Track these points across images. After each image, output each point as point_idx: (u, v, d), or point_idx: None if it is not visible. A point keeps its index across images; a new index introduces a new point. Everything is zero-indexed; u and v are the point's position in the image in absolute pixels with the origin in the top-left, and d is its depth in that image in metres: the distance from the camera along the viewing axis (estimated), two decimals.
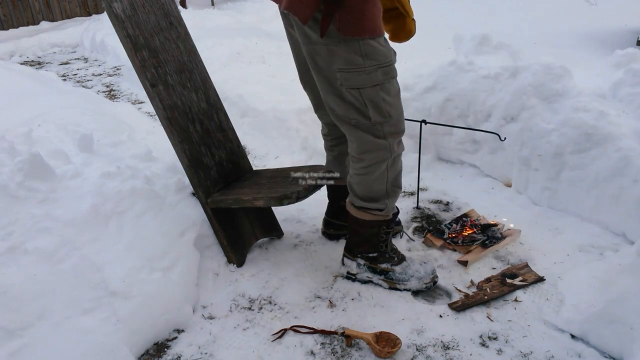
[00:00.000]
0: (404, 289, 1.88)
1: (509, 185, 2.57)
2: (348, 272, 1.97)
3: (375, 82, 1.64)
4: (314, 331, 1.73)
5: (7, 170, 1.74)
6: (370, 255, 1.91)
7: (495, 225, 2.20)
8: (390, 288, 1.90)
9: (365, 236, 1.90)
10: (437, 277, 1.90)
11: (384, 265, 1.90)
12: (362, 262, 1.93)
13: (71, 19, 7.93)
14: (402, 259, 1.93)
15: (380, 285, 1.92)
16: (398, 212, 1.97)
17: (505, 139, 2.40)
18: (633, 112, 2.31)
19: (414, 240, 2.20)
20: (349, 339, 1.66)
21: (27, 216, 1.66)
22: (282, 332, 1.73)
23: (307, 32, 1.63)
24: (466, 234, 2.16)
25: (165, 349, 1.70)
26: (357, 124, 1.72)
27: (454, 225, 2.22)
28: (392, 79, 1.68)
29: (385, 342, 1.63)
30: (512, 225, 2.22)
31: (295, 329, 1.74)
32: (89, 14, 8.10)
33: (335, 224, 2.20)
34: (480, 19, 5.38)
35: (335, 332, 1.70)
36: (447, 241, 2.12)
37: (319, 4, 1.54)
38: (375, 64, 1.62)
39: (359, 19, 1.56)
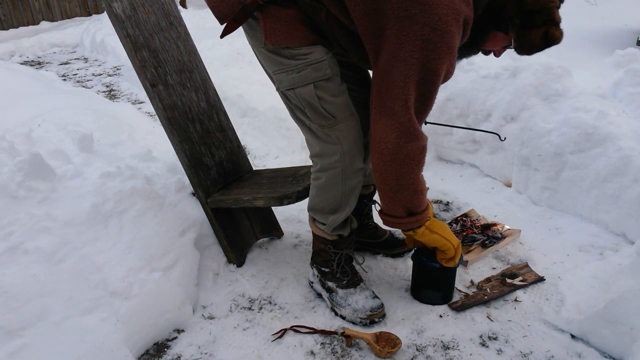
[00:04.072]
0: (340, 315, 1.79)
1: (509, 185, 2.57)
2: (309, 279, 1.94)
3: (306, 81, 1.55)
4: (314, 331, 1.73)
5: (7, 170, 1.74)
6: (322, 269, 1.85)
7: (495, 225, 2.20)
8: (331, 309, 1.83)
9: (316, 248, 1.86)
10: (378, 316, 1.74)
11: (330, 284, 1.82)
12: (316, 272, 1.88)
13: (71, 19, 7.94)
14: (350, 284, 1.80)
15: (325, 303, 1.86)
16: (351, 237, 1.82)
17: (505, 138, 2.40)
18: (633, 112, 2.32)
19: None
20: (349, 338, 1.66)
21: (27, 216, 1.67)
22: (282, 332, 1.73)
23: (248, 36, 1.63)
24: (466, 234, 2.16)
25: (165, 349, 1.70)
26: (310, 127, 1.64)
27: (454, 225, 2.23)
28: (328, 78, 1.56)
29: (385, 342, 1.62)
30: (509, 227, 2.22)
31: (295, 329, 1.74)
32: (89, 14, 8.11)
33: None
34: None
35: (335, 332, 1.70)
36: None
37: (237, 7, 1.51)
38: (303, 62, 1.54)
39: (285, 27, 1.51)
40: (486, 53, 1.62)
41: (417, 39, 1.37)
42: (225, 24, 1.55)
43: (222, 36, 1.58)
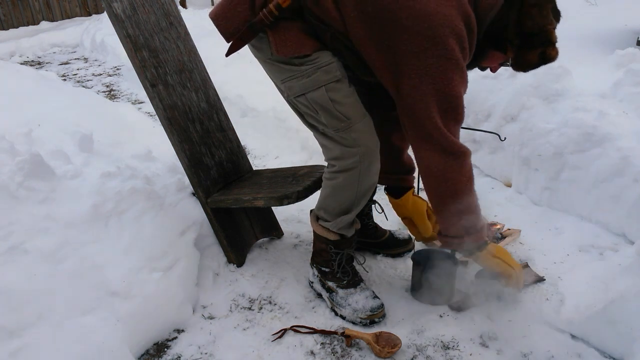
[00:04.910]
0: (340, 315, 1.79)
1: (509, 185, 2.57)
2: (309, 279, 1.94)
3: (318, 84, 1.56)
4: (314, 331, 1.73)
5: (7, 170, 1.74)
6: (323, 269, 1.85)
7: (495, 225, 2.20)
8: (331, 309, 1.83)
9: (317, 248, 1.86)
10: (378, 316, 1.75)
11: (330, 284, 1.82)
12: (316, 272, 1.88)
13: (71, 19, 7.94)
14: (351, 284, 1.81)
15: (325, 303, 1.86)
16: (353, 237, 1.82)
17: (505, 139, 2.40)
18: (633, 112, 2.31)
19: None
20: (349, 339, 1.66)
21: (27, 216, 1.66)
22: (282, 332, 1.73)
23: (254, 48, 1.66)
24: None
25: (165, 349, 1.70)
26: (324, 132, 1.64)
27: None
28: (338, 79, 1.58)
29: (385, 342, 1.62)
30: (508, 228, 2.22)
31: (295, 329, 1.74)
32: (89, 14, 8.11)
33: None
34: None
35: (335, 332, 1.70)
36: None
37: (242, 25, 1.54)
38: (312, 66, 1.56)
39: (294, 38, 1.54)
40: (482, 69, 1.72)
41: (434, 71, 1.45)
42: (231, 42, 1.57)
43: (227, 54, 1.60)
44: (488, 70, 1.74)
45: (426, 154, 1.56)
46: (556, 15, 1.50)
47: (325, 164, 1.74)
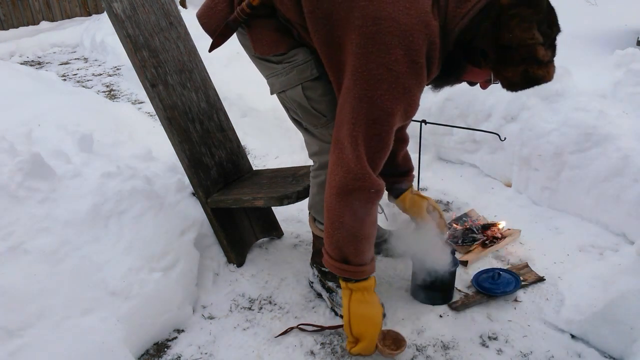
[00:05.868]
0: (340, 315, 1.77)
1: (509, 185, 2.57)
2: (309, 279, 1.94)
3: (294, 83, 1.58)
4: (321, 328, 1.72)
5: (7, 170, 1.74)
6: (323, 269, 1.85)
7: (495, 225, 2.20)
8: (331, 309, 1.82)
9: (316, 248, 1.87)
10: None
11: (330, 284, 1.82)
12: (316, 272, 1.88)
13: (71, 19, 7.92)
14: None
15: (325, 303, 1.86)
16: None
17: (505, 139, 2.39)
18: (633, 112, 2.31)
19: None
20: None
21: (27, 216, 1.66)
22: (288, 330, 1.73)
23: (242, 45, 1.69)
24: (466, 233, 2.15)
25: (165, 349, 1.70)
26: (307, 127, 1.67)
27: (454, 225, 2.22)
28: (315, 77, 1.57)
29: (392, 341, 1.61)
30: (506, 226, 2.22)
31: (301, 327, 1.74)
32: (89, 14, 8.09)
33: None
34: None
35: (342, 326, 1.69)
36: (447, 241, 2.12)
37: (222, 22, 1.57)
38: (289, 65, 1.58)
39: (269, 38, 1.56)
40: (471, 84, 1.56)
41: (371, 78, 1.34)
42: (212, 37, 1.62)
43: (210, 50, 1.64)
44: None
45: (333, 160, 1.45)
46: (549, 29, 1.35)
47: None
